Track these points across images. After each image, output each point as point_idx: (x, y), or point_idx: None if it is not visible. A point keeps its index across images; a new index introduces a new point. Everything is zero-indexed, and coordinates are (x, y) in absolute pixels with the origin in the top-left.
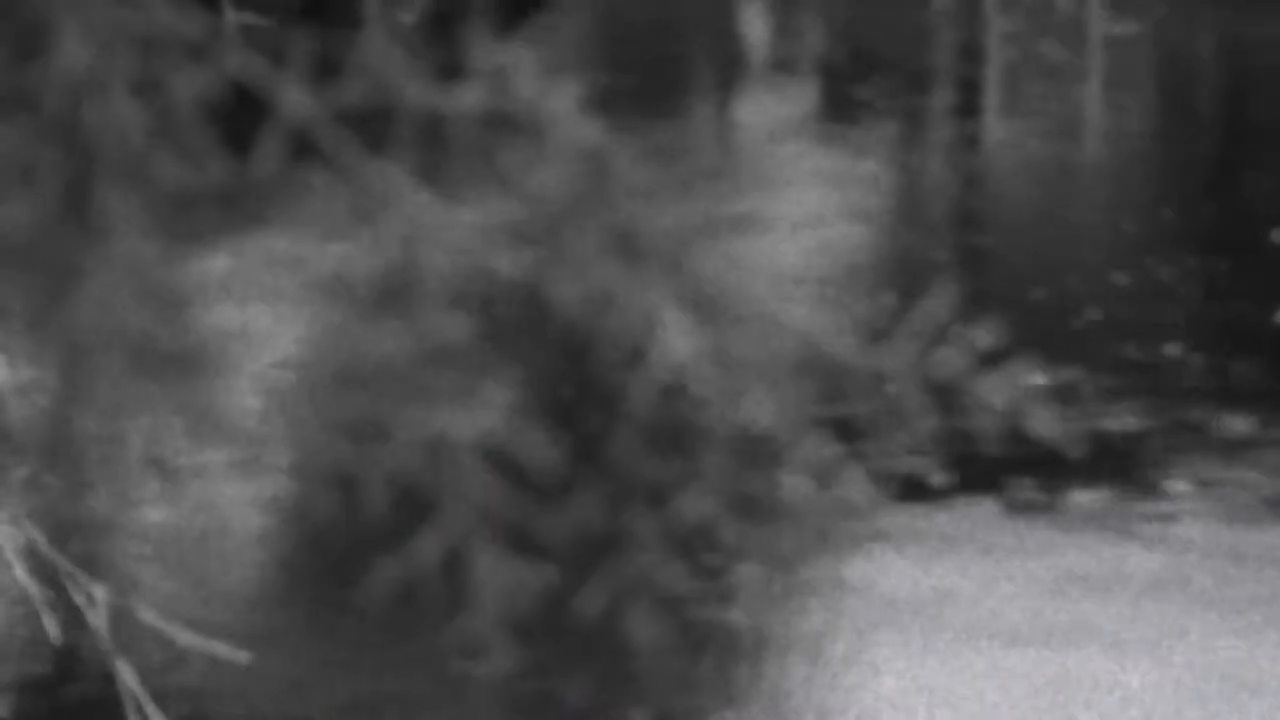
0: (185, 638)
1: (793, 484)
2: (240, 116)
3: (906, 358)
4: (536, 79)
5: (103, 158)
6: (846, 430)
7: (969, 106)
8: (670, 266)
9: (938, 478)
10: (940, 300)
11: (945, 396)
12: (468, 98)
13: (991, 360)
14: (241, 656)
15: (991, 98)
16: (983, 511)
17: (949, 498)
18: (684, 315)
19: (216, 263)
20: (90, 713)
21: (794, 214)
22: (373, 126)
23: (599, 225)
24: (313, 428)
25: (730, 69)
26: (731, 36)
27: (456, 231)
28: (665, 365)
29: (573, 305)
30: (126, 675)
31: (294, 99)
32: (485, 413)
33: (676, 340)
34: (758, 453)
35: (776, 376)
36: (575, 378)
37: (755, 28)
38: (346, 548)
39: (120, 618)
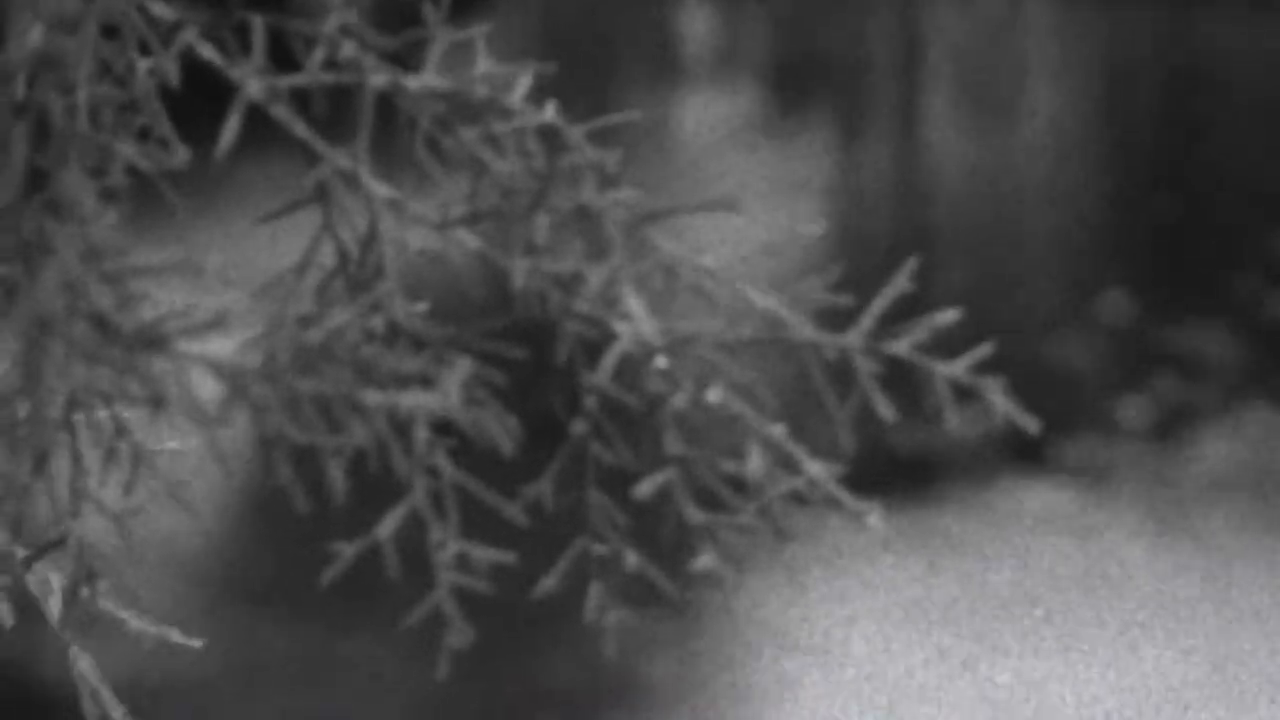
0: (138, 623)
1: (754, 468)
2: (199, 102)
3: (867, 337)
4: (493, 63)
5: (65, 141)
6: (807, 413)
7: (912, 100)
8: (630, 246)
9: (892, 464)
10: (900, 283)
11: (905, 375)
12: (426, 81)
13: (950, 343)
14: (196, 642)
15: (935, 90)
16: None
17: (906, 487)
18: (644, 295)
19: (176, 246)
20: (47, 700)
21: (747, 199)
22: (332, 111)
23: (558, 206)
24: (272, 409)
25: (670, 67)
26: (673, 36)
27: (415, 214)
28: (625, 345)
29: (532, 286)
30: (82, 663)
31: (253, 84)
32: (444, 394)
33: (636, 321)
34: (719, 435)
35: (738, 357)
36: (535, 359)
37: (697, 27)
38: (305, 529)
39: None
